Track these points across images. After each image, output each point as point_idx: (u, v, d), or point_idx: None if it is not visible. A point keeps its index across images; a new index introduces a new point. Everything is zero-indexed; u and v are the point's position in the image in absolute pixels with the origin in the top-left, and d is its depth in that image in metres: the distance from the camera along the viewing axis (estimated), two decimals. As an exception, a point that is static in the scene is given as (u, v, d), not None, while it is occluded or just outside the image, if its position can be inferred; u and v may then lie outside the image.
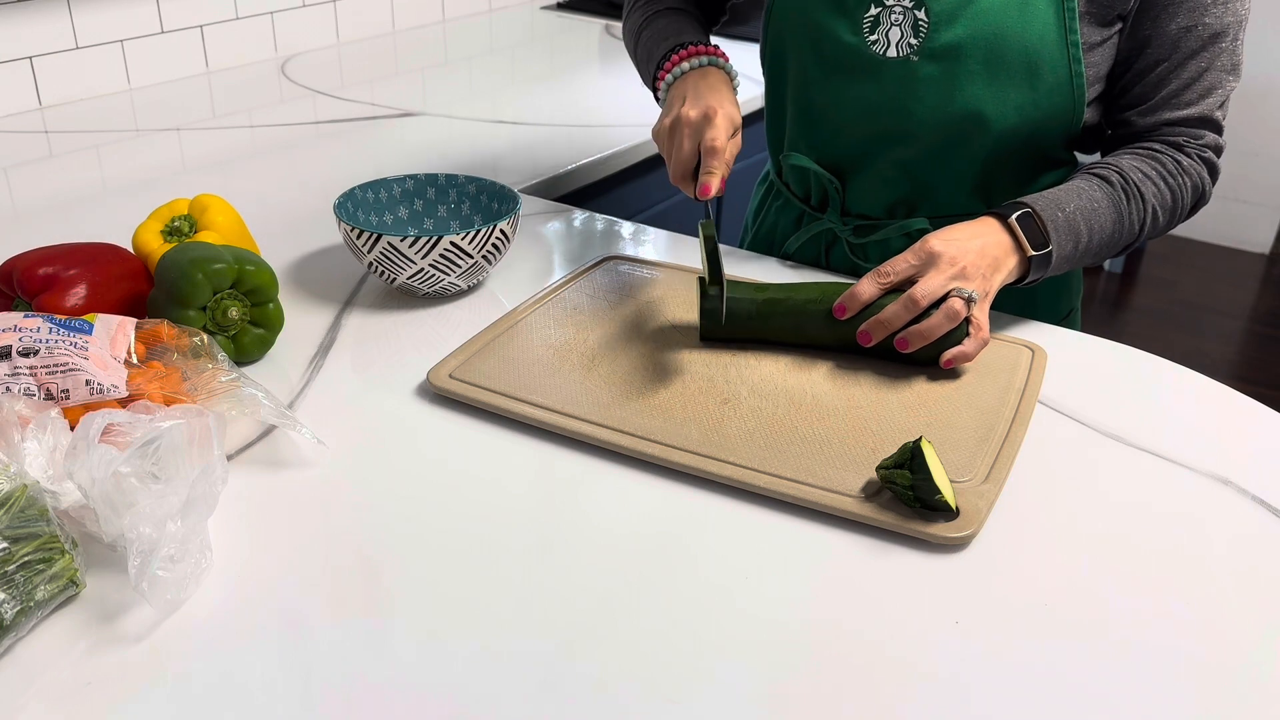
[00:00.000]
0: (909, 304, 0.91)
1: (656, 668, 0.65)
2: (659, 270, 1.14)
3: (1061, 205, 0.98)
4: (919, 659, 0.66)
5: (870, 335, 0.93)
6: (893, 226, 1.13)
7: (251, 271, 0.93)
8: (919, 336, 0.91)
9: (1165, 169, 1.03)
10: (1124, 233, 1.02)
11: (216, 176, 1.43)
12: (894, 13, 1.03)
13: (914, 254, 0.94)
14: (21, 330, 0.79)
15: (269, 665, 0.64)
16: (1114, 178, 1.01)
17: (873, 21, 1.05)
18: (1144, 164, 1.03)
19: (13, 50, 1.63)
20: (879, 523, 0.76)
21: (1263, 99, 3.45)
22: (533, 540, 0.75)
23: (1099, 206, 1.00)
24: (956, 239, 0.94)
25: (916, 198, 1.12)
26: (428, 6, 2.28)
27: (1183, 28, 1.00)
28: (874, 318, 0.93)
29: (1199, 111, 1.03)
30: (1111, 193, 1.01)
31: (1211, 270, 3.62)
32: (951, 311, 0.91)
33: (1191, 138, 1.04)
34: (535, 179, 1.43)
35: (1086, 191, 1.00)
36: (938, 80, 1.04)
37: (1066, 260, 0.99)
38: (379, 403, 0.91)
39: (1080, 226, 0.98)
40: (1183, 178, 1.03)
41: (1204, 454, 0.86)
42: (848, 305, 0.94)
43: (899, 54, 1.04)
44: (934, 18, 1.02)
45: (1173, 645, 0.68)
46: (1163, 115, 1.04)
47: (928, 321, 0.91)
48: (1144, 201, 1.01)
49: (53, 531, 0.67)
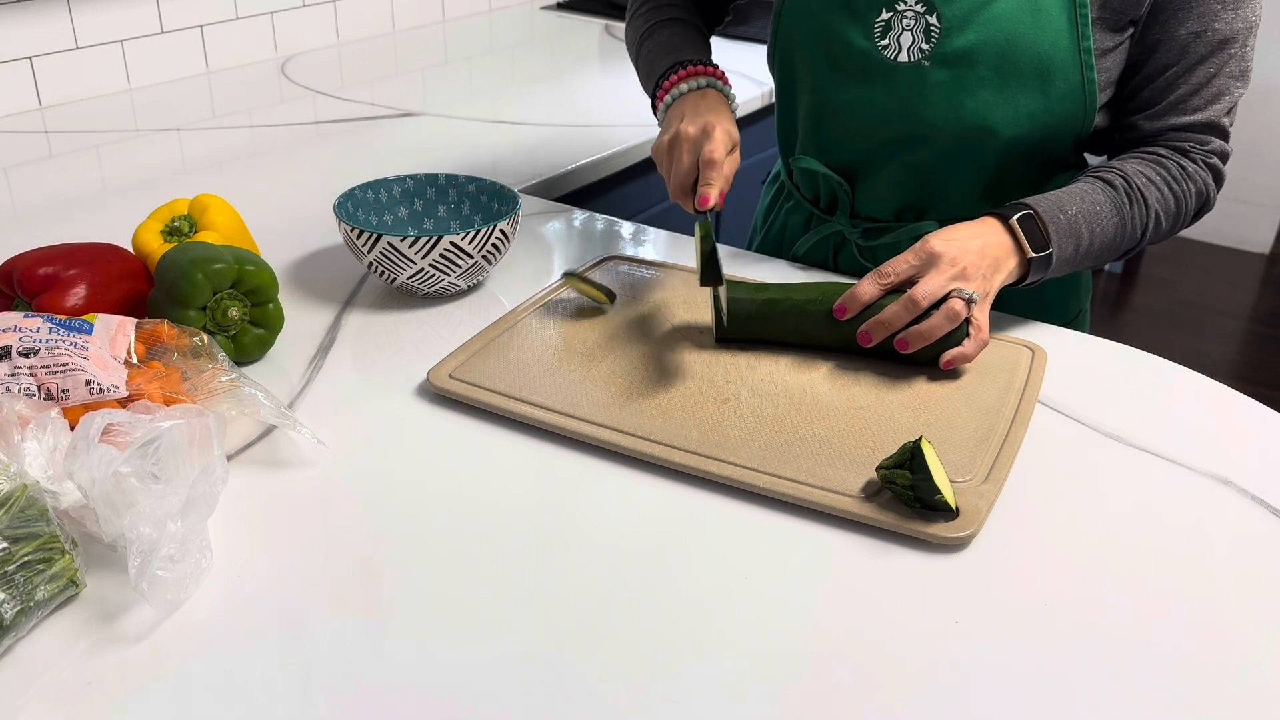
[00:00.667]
0: (909, 305, 0.91)
1: (656, 668, 0.65)
2: (659, 270, 1.14)
3: (1063, 207, 0.98)
4: (919, 659, 0.66)
5: (870, 336, 0.93)
6: (902, 230, 1.13)
7: (251, 271, 0.93)
8: (919, 337, 0.91)
9: (1170, 174, 1.02)
10: (1125, 237, 1.02)
11: (216, 176, 1.43)
12: (905, 18, 1.03)
13: (914, 254, 0.94)
14: (21, 330, 0.79)
15: (269, 665, 0.64)
16: (1117, 181, 1.01)
17: (884, 26, 1.04)
18: (1148, 168, 1.02)
19: (13, 50, 1.63)
20: (879, 523, 0.76)
21: (1263, 100, 3.45)
22: (533, 540, 0.75)
23: (1101, 210, 1.00)
24: (957, 239, 0.94)
25: (926, 202, 1.12)
26: (428, 6, 2.28)
27: (1192, 33, 1.00)
28: (874, 318, 0.93)
29: (1206, 117, 1.02)
30: (1114, 196, 1.01)
31: (1211, 270, 3.62)
32: (951, 312, 0.91)
33: (1198, 143, 1.03)
34: (535, 179, 1.43)
35: (1089, 195, 1.00)
36: (949, 86, 1.03)
37: (1066, 263, 0.99)
38: (379, 403, 0.91)
39: (1082, 229, 0.98)
40: (1187, 183, 1.03)
41: (1204, 454, 0.86)
42: (848, 306, 0.94)
43: (910, 59, 1.04)
44: (946, 23, 1.02)
45: (1173, 645, 0.68)
46: (1169, 120, 1.03)
47: (928, 322, 0.91)
48: (1147, 206, 1.01)
49: (53, 531, 0.67)
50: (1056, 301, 1.16)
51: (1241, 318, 3.35)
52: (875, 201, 1.15)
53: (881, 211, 1.15)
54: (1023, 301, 1.09)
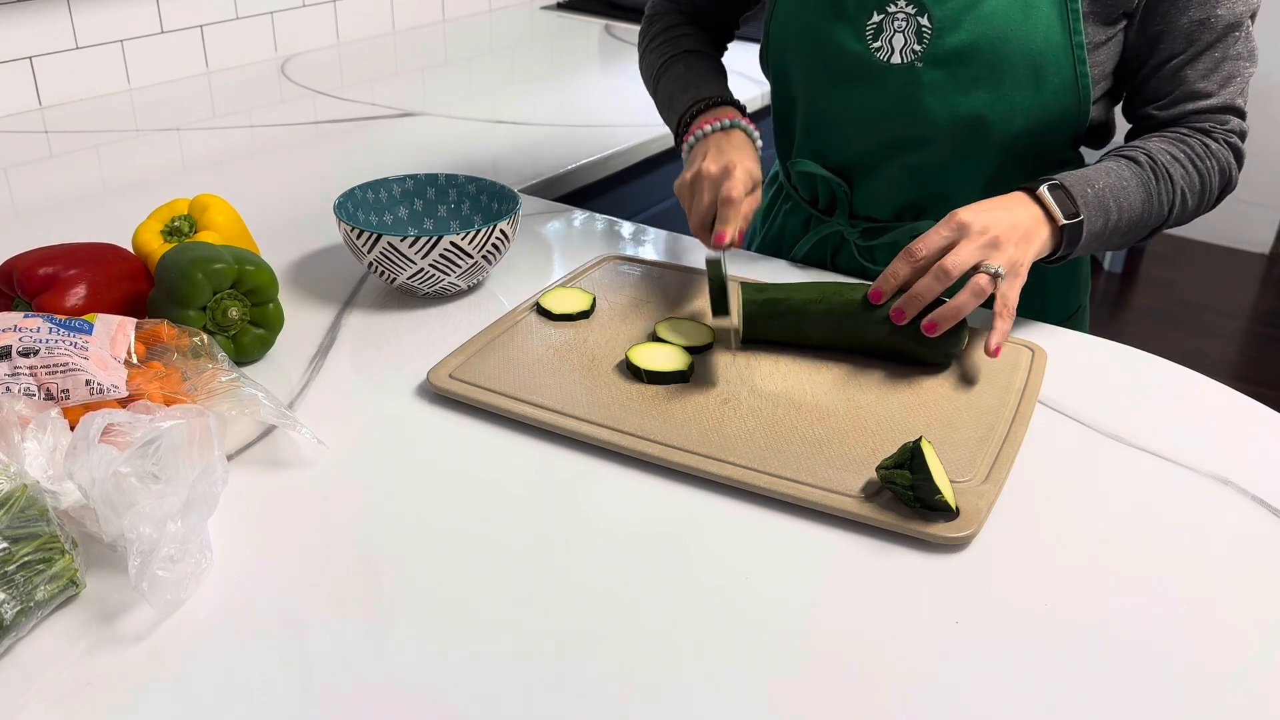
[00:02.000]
0: (940, 275, 0.90)
1: (656, 668, 0.65)
2: (659, 270, 1.14)
3: (1091, 182, 0.97)
4: (919, 659, 0.66)
5: (904, 312, 0.92)
6: (902, 229, 1.13)
7: (251, 271, 0.93)
8: (948, 316, 0.90)
9: (1194, 151, 1.02)
10: (1152, 214, 1.01)
11: (216, 176, 1.43)
12: (897, 20, 1.03)
13: (944, 226, 0.92)
14: (21, 330, 0.79)
15: (269, 665, 0.64)
16: (1142, 159, 1.01)
17: (875, 29, 1.04)
18: (1172, 147, 1.02)
19: (13, 50, 1.63)
20: (879, 523, 0.76)
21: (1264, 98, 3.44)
22: (532, 540, 0.75)
23: (1128, 185, 0.99)
24: (985, 210, 0.93)
25: (924, 201, 1.12)
26: (428, 6, 2.28)
27: (1196, 21, 0.99)
28: (906, 293, 0.92)
29: (1221, 100, 1.02)
30: (1140, 173, 1.00)
31: (1211, 270, 3.61)
32: (977, 288, 0.89)
33: (1218, 123, 1.03)
34: (535, 179, 1.43)
35: (1115, 170, 0.99)
36: (943, 86, 1.04)
37: (1096, 237, 0.98)
38: (379, 403, 0.91)
39: (1110, 203, 0.97)
40: (1210, 160, 1.02)
41: (1204, 454, 0.86)
42: (882, 288, 0.93)
43: (903, 60, 1.04)
44: (937, 24, 1.02)
45: (1172, 645, 0.68)
46: (1185, 107, 1.03)
47: (955, 300, 0.90)
48: (1173, 183, 1.01)
49: (53, 531, 0.67)
50: (1057, 296, 1.16)
51: (1241, 318, 3.35)
52: (874, 202, 1.15)
53: (881, 211, 1.15)
54: (1025, 295, 1.09)
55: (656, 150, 1.63)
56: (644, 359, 0.93)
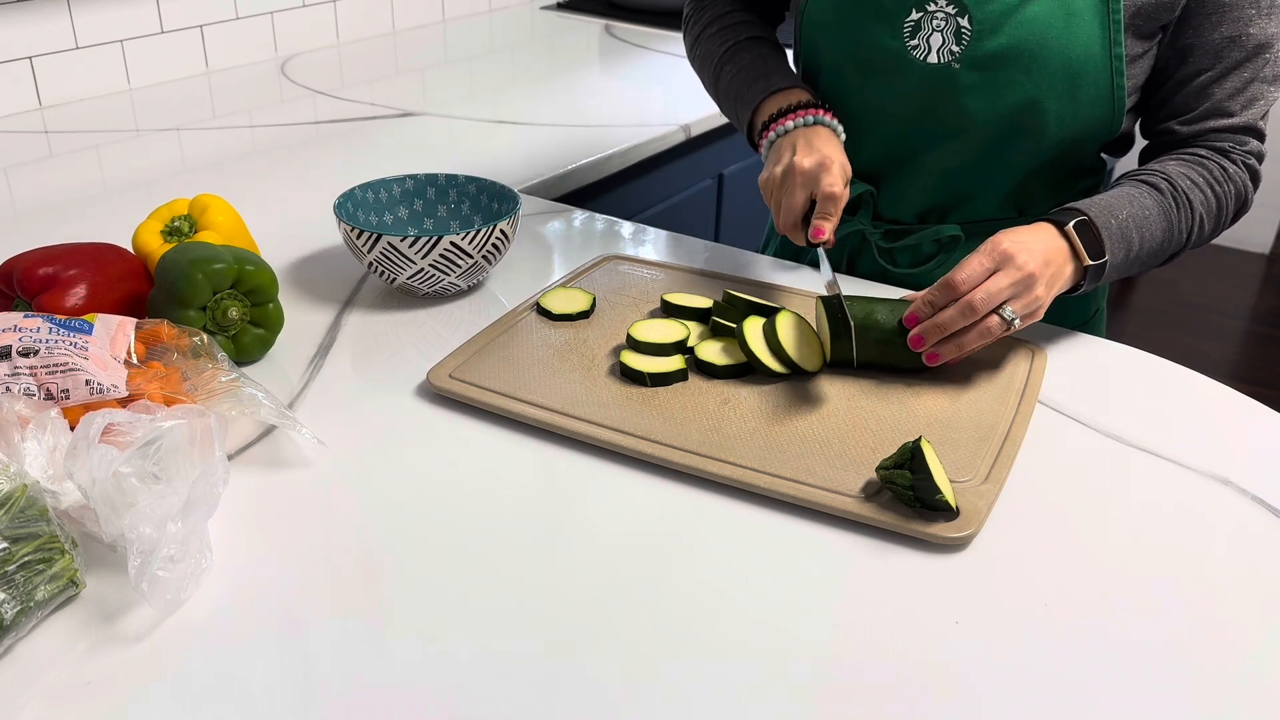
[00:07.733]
0: (967, 311, 0.89)
1: (656, 667, 0.65)
2: (659, 270, 1.14)
3: (1114, 212, 0.96)
4: (919, 659, 0.66)
5: (923, 339, 0.91)
6: (924, 232, 1.13)
7: (251, 271, 0.93)
8: (950, 351, 0.90)
9: (1212, 175, 1.01)
10: (1172, 241, 1.00)
11: (216, 176, 1.43)
12: (936, 19, 1.02)
13: (988, 257, 0.90)
14: (21, 330, 0.79)
15: (269, 665, 0.64)
16: (1163, 185, 0.99)
17: (913, 26, 1.03)
18: (1191, 170, 1.01)
19: (13, 50, 1.63)
20: (879, 523, 0.76)
21: (1263, 99, 3.45)
22: (532, 540, 0.75)
23: (1150, 215, 0.98)
24: (1025, 242, 0.91)
25: (950, 204, 1.12)
26: (428, 6, 2.28)
27: (1227, 38, 0.99)
28: (930, 321, 0.90)
29: (1243, 120, 1.02)
30: (1162, 200, 0.99)
31: (1211, 270, 3.61)
32: (986, 330, 0.89)
33: (1237, 144, 1.03)
34: (535, 179, 1.43)
35: (1137, 199, 0.98)
36: (979, 88, 1.03)
37: (1116, 269, 0.97)
38: (379, 403, 0.91)
39: (1132, 234, 0.97)
40: (1227, 184, 1.02)
41: (1204, 454, 0.86)
42: (919, 315, 0.91)
43: (940, 60, 1.03)
44: (978, 26, 1.01)
45: (1173, 645, 0.68)
46: (1207, 124, 1.02)
47: (964, 338, 0.90)
48: (1192, 210, 1.00)
49: (53, 531, 0.67)
50: (1077, 301, 1.15)
51: (1241, 318, 3.35)
52: (899, 204, 1.14)
53: (904, 214, 1.14)
54: None
55: (656, 150, 1.63)
56: (641, 361, 0.92)
